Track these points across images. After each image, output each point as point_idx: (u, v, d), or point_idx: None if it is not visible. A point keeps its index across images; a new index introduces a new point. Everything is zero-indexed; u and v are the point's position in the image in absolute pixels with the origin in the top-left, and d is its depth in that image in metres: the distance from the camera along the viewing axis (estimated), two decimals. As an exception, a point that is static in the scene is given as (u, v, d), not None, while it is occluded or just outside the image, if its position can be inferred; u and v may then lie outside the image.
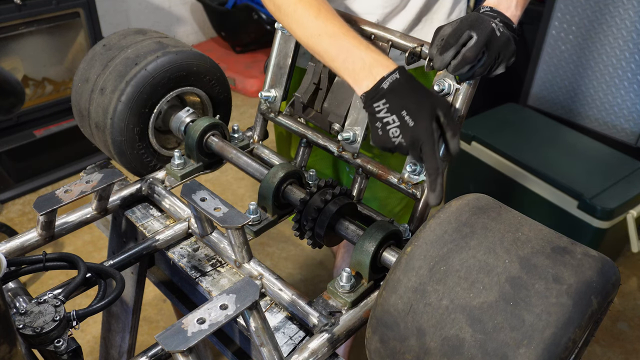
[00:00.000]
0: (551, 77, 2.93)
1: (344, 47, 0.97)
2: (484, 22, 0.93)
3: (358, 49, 0.96)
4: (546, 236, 0.77)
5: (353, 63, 0.95)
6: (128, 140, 1.20)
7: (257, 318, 0.77)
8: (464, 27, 0.94)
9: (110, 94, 1.17)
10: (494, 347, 0.69)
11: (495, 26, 0.93)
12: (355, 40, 0.97)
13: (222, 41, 4.26)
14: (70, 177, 3.00)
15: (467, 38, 0.93)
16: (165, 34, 1.32)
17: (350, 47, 0.96)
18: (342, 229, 1.01)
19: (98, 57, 1.23)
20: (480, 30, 0.92)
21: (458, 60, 0.93)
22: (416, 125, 0.90)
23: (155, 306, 2.31)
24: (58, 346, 0.82)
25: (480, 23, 0.93)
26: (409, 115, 0.90)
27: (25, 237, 1.03)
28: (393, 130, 0.91)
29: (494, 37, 0.93)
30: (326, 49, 0.99)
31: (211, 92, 1.31)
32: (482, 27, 0.93)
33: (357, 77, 0.95)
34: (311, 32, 1.01)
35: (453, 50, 0.93)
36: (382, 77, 0.92)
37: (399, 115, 0.91)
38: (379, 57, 0.95)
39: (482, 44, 0.92)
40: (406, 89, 0.92)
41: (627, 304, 2.37)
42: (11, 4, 2.54)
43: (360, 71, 0.95)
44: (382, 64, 0.94)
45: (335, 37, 0.98)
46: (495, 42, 0.93)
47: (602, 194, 2.23)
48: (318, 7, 1.01)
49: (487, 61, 0.94)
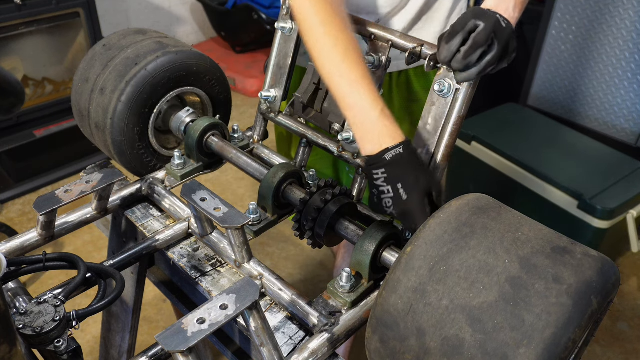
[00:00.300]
0: (551, 77, 2.93)
1: (359, 102, 0.96)
2: (488, 13, 0.93)
3: (373, 110, 0.95)
4: (546, 236, 0.77)
5: (363, 122, 0.96)
6: (128, 140, 1.20)
7: (257, 318, 0.77)
8: (468, 17, 0.93)
9: (110, 94, 1.17)
10: (494, 347, 0.69)
11: (500, 17, 0.93)
12: (372, 96, 0.96)
13: (222, 41, 4.26)
14: (70, 177, 3.00)
15: (473, 26, 0.92)
16: (165, 34, 1.32)
17: (366, 104, 0.96)
18: (342, 229, 1.01)
19: (98, 57, 1.23)
20: (486, 18, 0.92)
21: (469, 45, 0.92)
22: (408, 200, 0.92)
23: (155, 306, 2.31)
24: (58, 346, 0.82)
25: (485, 13, 0.93)
26: (403, 189, 0.92)
27: (25, 237, 1.03)
28: (386, 200, 0.94)
29: (500, 26, 0.92)
30: (343, 95, 0.98)
31: (211, 92, 1.31)
32: (487, 16, 0.93)
33: (363, 137, 0.97)
34: (333, 70, 0.99)
35: (460, 35, 0.92)
36: (387, 148, 0.94)
37: (394, 187, 0.93)
38: (390, 125, 0.95)
39: (490, 30, 0.91)
40: (406, 163, 0.93)
41: (627, 304, 2.37)
42: (11, 4, 2.54)
43: (368, 133, 0.96)
44: (390, 135, 0.95)
45: (355, 86, 0.96)
46: (503, 31, 0.93)
47: (602, 194, 2.23)
48: (346, 47, 0.98)
49: (498, 49, 0.93)
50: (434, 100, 1.05)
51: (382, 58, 1.11)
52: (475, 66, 0.94)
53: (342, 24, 1.01)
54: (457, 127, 1.04)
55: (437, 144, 1.06)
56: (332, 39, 0.99)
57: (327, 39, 0.99)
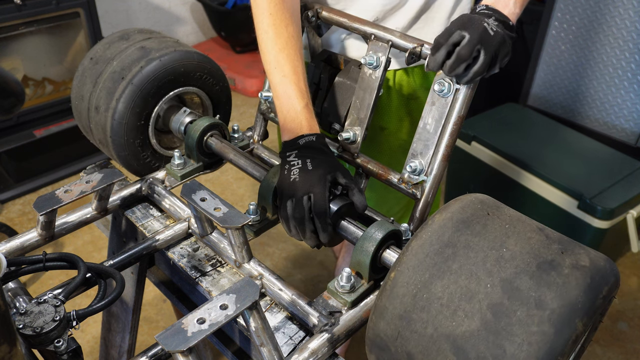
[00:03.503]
0: (551, 77, 2.93)
1: (288, 92, 1.07)
2: (475, 22, 0.95)
3: (298, 103, 1.06)
4: (533, 248, 0.75)
5: (288, 111, 1.07)
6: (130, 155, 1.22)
7: (257, 318, 0.77)
8: (453, 28, 0.97)
9: (104, 112, 1.18)
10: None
11: (487, 25, 0.94)
12: (300, 92, 1.07)
13: (222, 41, 4.26)
14: (70, 177, 3.00)
15: (458, 38, 0.96)
16: (149, 33, 1.29)
17: (293, 97, 1.07)
18: (342, 229, 1.01)
19: (87, 72, 1.23)
20: (472, 29, 0.94)
21: (453, 60, 0.96)
22: (313, 170, 0.98)
23: (155, 306, 2.31)
24: (58, 346, 0.82)
25: (472, 23, 0.95)
26: (311, 163, 0.99)
27: (25, 237, 1.03)
28: (295, 169, 0.99)
29: (487, 36, 0.94)
30: (275, 84, 1.09)
31: (204, 86, 1.29)
32: (473, 26, 0.95)
33: (285, 125, 1.07)
34: (270, 59, 1.09)
35: (444, 49, 0.97)
36: (302, 135, 1.05)
37: (304, 161, 1.00)
38: (310, 119, 1.07)
39: (475, 42, 0.94)
40: (317, 147, 1.03)
41: (627, 304, 2.37)
42: (11, 4, 2.54)
43: (290, 122, 1.07)
44: (309, 127, 1.06)
45: (286, 78, 1.08)
46: (490, 40, 0.94)
47: (602, 194, 2.23)
48: (286, 41, 1.09)
49: (485, 59, 0.95)
50: (434, 100, 1.05)
51: (382, 58, 1.11)
52: (464, 76, 0.99)
53: (290, 18, 1.11)
54: (457, 127, 1.04)
55: (437, 144, 1.05)
56: (276, 30, 1.09)
57: (271, 29, 1.10)
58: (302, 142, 1.03)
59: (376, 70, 1.11)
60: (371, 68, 1.12)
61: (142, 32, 1.29)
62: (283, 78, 1.08)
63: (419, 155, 1.07)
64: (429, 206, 1.08)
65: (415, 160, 1.07)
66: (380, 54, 1.11)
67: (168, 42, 1.25)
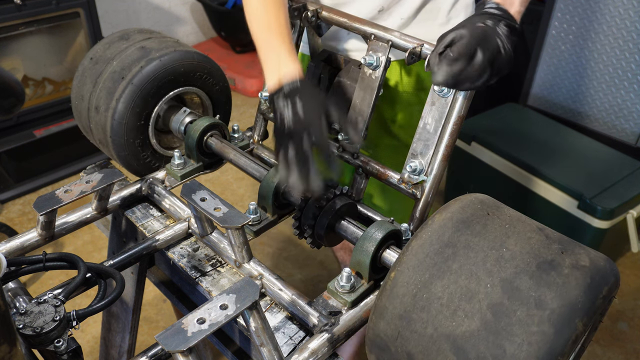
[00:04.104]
0: (551, 77, 2.93)
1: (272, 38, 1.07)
2: (491, 40, 0.93)
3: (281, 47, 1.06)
4: (533, 248, 0.75)
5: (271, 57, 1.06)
6: (130, 155, 1.22)
7: (257, 318, 0.77)
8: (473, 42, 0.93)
9: (104, 112, 1.17)
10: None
11: (500, 43, 0.94)
12: (283, 38, 1.07)
13: (222, 41, 4.26)
14: (70, 177, 3.00)
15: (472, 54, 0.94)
16: (149, 33, 1.29)
17: (277, 44, 1.06)
18: (342, 229, 1.01)
19: (87, 72, 1.23)
20: (487, 48, 0.93)
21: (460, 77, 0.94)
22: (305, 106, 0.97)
23: (155, 306, 2.31)
24: (58, 346, 0.82)
25: (488, 41, 0.93)
26: (301, 101, 0.98)
27: (25, 237, 1.03)
28: (287, 111, 0.98)
29: (498, 56, 0.94)
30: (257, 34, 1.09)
31: (204, 86, 1.29)
32: (488, 45, 0.93)
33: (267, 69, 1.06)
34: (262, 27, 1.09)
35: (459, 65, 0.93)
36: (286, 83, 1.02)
37: (293, 100, 0.98)
38: (294, 64, 1.04)
39: (486, 64, 0.93)
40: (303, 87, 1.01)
41: (627, 304, 2.37)
42: (11, 4, 2.53)
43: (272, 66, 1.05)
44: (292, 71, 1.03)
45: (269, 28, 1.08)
46: (499, 59, 0.94)
47: (602, 194, 2.23)
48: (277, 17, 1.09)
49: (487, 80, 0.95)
50: (434, 100, 1.05)
51: (382, 58, 1.11)
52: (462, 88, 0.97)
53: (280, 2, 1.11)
54: (457, 127, 1.04)
55: (437, 144, 1.06)
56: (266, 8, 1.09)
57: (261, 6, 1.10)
58: (287, 89, 1.01)
59: (376, 70, 1.11)
60: (371, 68, 1.12)
61: (142, 32, 1.29)
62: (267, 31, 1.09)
63: (419, 155, 1.07)
64: (429, 206, 1.08)
65: (415, 160, 1.07)
66: (380, 53, 1.11)
67: (168, 42, 1.25)
